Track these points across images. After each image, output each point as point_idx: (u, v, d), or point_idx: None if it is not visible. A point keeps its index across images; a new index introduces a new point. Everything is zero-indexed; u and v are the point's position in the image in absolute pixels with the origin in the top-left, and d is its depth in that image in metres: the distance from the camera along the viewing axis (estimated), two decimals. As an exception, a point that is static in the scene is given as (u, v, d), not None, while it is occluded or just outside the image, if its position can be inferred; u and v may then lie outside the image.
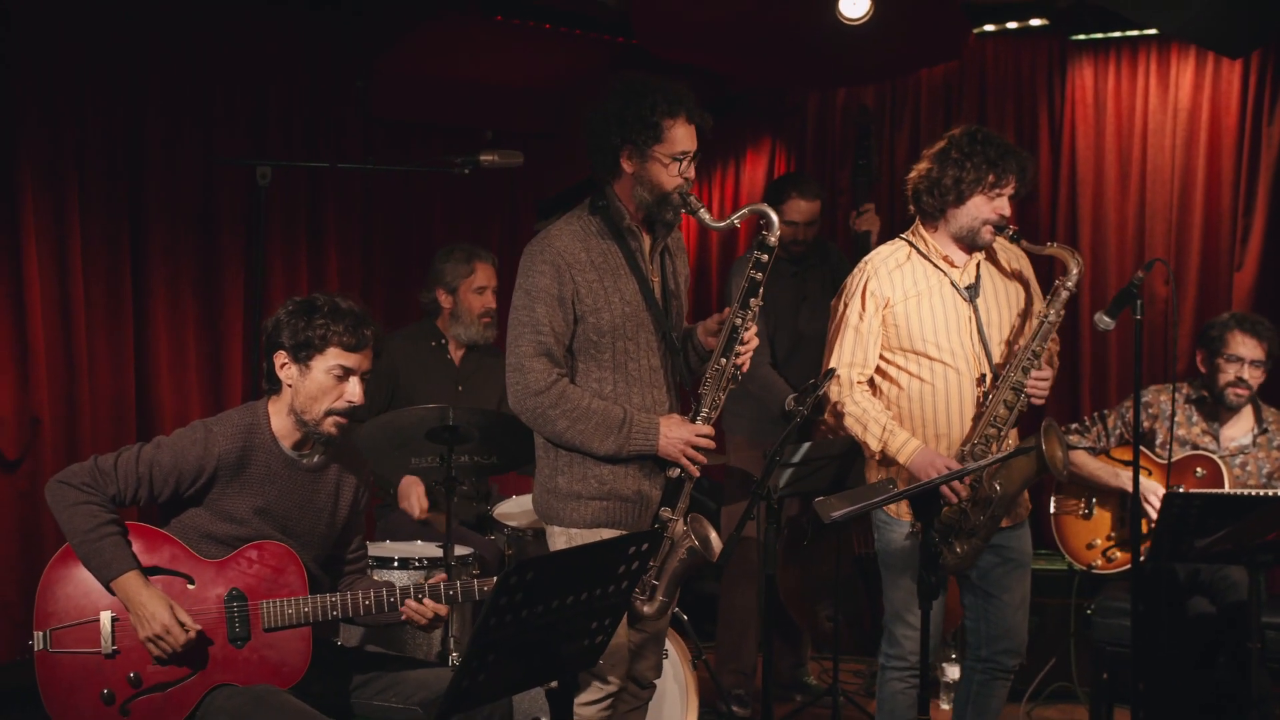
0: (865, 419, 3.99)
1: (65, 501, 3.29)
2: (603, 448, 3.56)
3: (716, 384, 3.60)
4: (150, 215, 5.43)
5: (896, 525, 4.04)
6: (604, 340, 3.60)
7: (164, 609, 3.25)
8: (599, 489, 3.61)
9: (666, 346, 3.69)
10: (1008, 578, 4.12)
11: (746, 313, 3.57)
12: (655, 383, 3.68)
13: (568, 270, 3.55)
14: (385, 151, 6.30)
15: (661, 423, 3.59)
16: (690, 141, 3.58)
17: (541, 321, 3.55)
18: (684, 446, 3.58)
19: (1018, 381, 3.93)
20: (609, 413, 3.56)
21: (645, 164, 3.57)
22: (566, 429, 3.55)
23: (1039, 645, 5.56)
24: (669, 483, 3.63)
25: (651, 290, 3.66)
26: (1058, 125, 6.41)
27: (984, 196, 3.96)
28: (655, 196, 3.59)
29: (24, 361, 4.98)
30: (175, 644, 3.25)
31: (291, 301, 3.48)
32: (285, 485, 3.46)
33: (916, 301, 4.02)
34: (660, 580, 3.66)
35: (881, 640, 4.19)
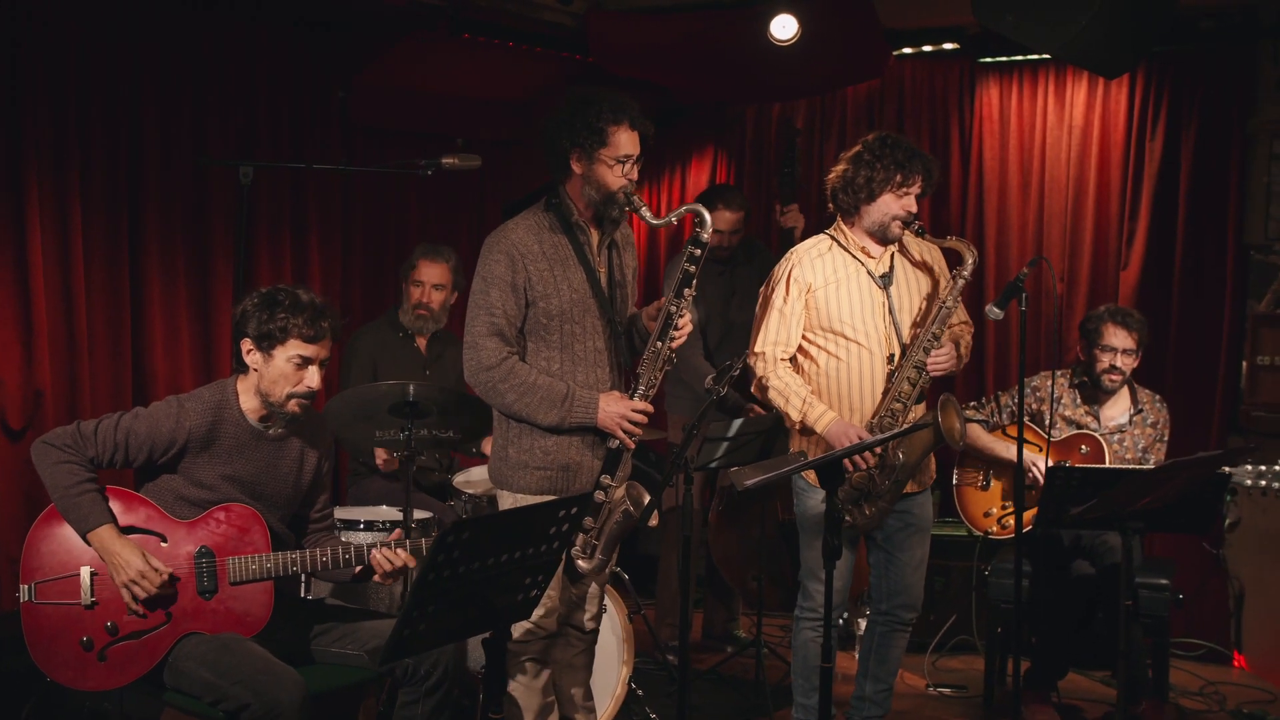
0: (787, 392, 4.01)
1: (48, 460, 3.27)
2: (546, 419, 3.59)
3: (653, 365, 3.61)
4: (147, 209, 5.37)
5: (812, 492, 4.06)
6: (553, 323, 3.62)
7: (137, 556, 3.24)
8: (544, 459, 3.64)
9: (610, 330, 3.70)
10: (908, 540, 4.14)
11: (680, 301, 3.58)
12: (599, 362, 3.69)
13: (521, 260, 3.58)
14: (364, 156, 6.25)
15: (601, 398, 3.61)
16: (633, 146, 3.59)
17: (495, 305, 3.58)
18: (620, 420, 3.60)
19: (919, 360, 3.96)
20: (553, 388, 3.59)
21: (592, 166, 3.59)
22: (514, 401, 3.58)
23: (943, 603, 5.61)
24: (609, 453, 3.65)
25: (598, 279, 3.68)
26: (967, 138, 6.42)
27: (893, 194, 3.99)
28: (601, 195, 3.61)
29: (29, 339, 4.92)
30: (149, 587, 3.23)
31: (257, 294, 3.47)
32: (252, 455, 3.44)
33: (836, 287, 4.03)
34: (599, 540, 3.67)
35: (798, 595, 4.21)
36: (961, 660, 5.56)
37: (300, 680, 3.19)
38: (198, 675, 3.22)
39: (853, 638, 5.55)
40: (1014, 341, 6.25)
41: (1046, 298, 6.17)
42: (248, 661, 3.21)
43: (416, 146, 6.39)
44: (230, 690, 3.16)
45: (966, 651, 5.56)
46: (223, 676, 3.18)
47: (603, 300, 3.67)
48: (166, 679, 3.29)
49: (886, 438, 3.72)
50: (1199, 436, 5.70)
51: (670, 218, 3.67)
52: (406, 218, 6.57)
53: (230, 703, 3.16)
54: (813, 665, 4.11)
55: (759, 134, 7.10)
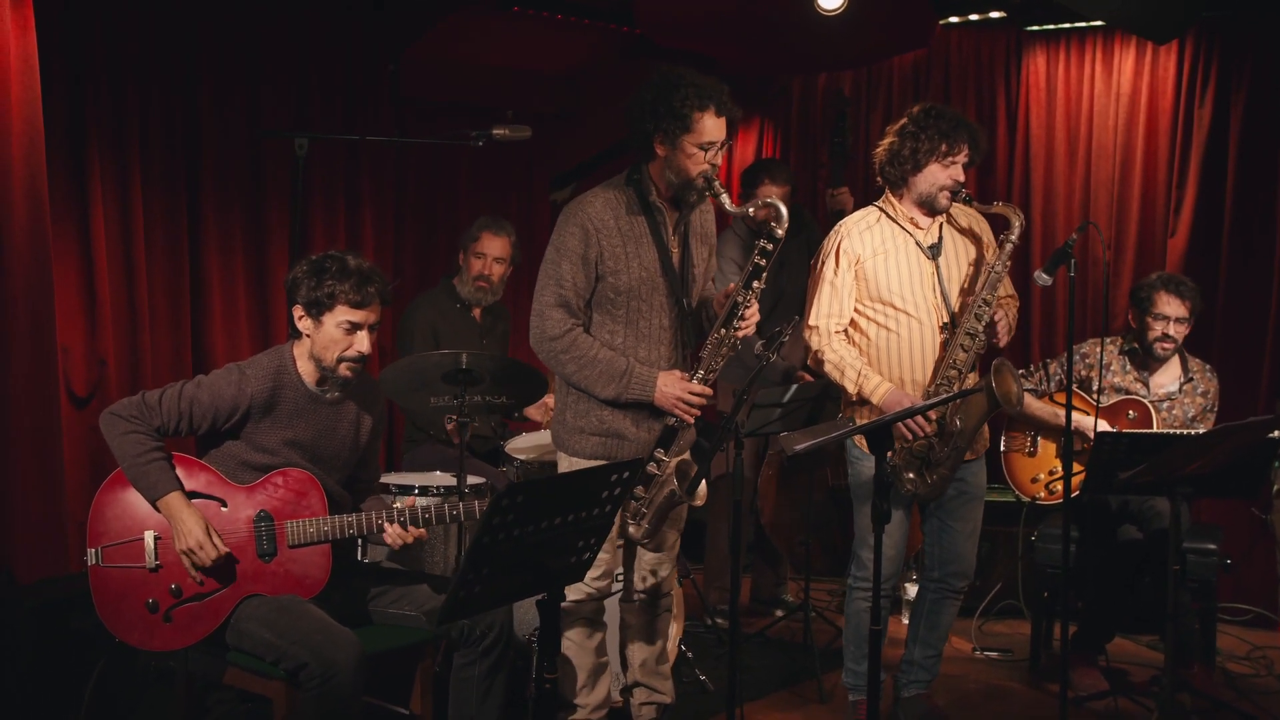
0: (842, 365, 3.98)
1: (116, 431, 3.29)
2: (604, 392, 3.60)
3: (716, 350, 3.61)
4: (204, 181, 5.39)
5: (866, 460, 4.03)
6: (620, 299, 3.62)
7: (199, 527, 3.26)
8: (599, 426, 3.66)
9: (678, 310, 3.68)
10: (962, 508, 4.11)
11: (748, 293, 3.57)
12: (663, 340, 3.68)
13: (595, 235, 3.58)
14: (414, 128, 6.24)
15: (660, 376, 3.61)
16: (718, 132, 3.54)
17: (565, 277, 3.59)
18: (675, 401, 3.60)
19: (972, 327, 3.91)
20: (613, 363, 3.59)
21: (674, 151, 3.55)
22: (575, 372, 3.60)
23: (990, 568, 5.55)
24: (665, 429, 3.65)
25: (670, 260, 3.67)
26: (1013, 107, 6.32)
27: (939, 165, 3.94)
28: (680, 180, 3.59)
29: (92, 309, 4.95)
30: (206, 558, 3.26)
31: (306, 261, 3.48)
32: (311, 418, 3.45)
33: (885, 258, 3.99)
34: (648, 510, 3.67)
35: (850, 564, 4.18)
36: (1007, 625, 5.51)
37: (357, 641, 3.20)
38: (259, 635, 3.25)
39: (899, 602, 5.52)
40: (1060, 309, 6.17)
41: (1093, 265, 6.08)
42: (306, 622, 3.22)
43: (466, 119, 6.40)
44: (289, 650, 3.18)
45: (1012, 616, 5.51)
46: (282, 637, 3.20)
47: (672, 280, 3.66)
48: (229, 639, 3.32)
49: (937, 402, 3.68)
50: (1247, 403, 5.60)
51: (747, 208, 3.64)
52: (456, 189, 6.55)
53: (290, 662, 3.18)
54: (865, 633, 4.07)
55: (805, 105, 7.03)
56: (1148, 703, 4.44)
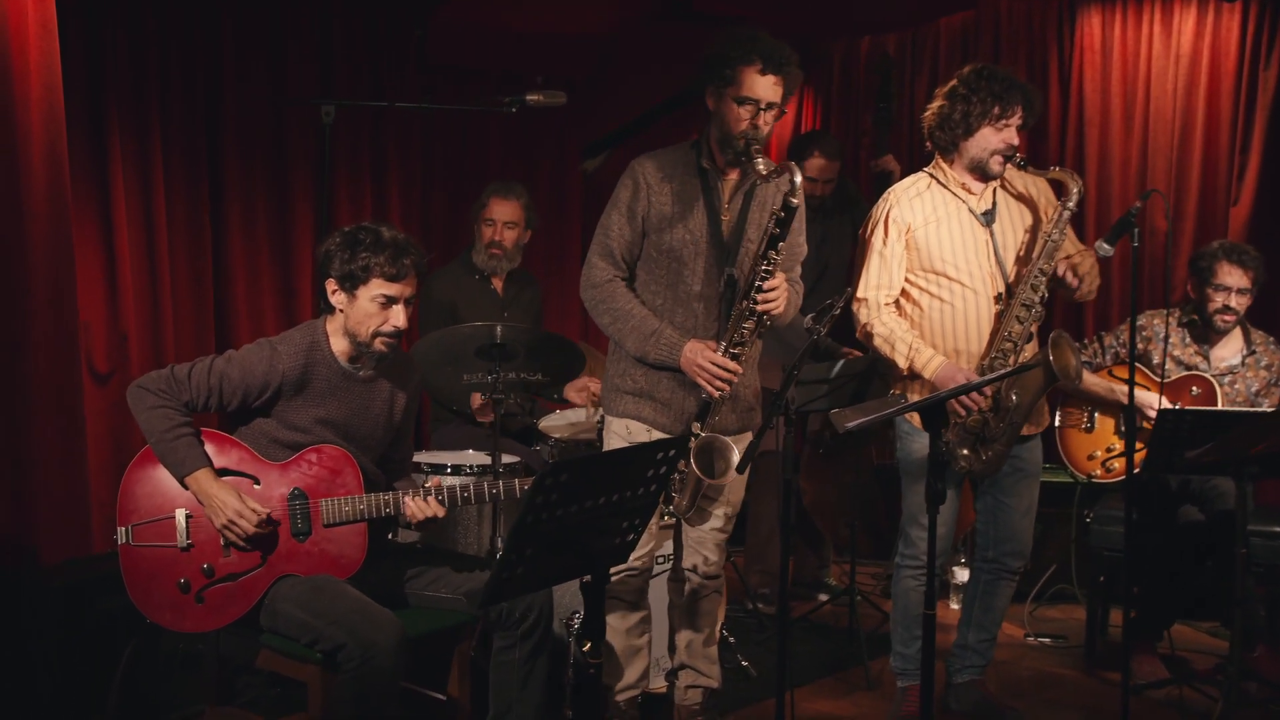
0: (893, 338, 3.95)
1: (144, 405, 3.29)
2: (633, 349, 3.69)
3: (737, 323, 3.60)
4: (226, 150, 5.40)
5: (916, 436, 4.00)
6: (663, 259, 3.67)
7: (233, 497, 3.27)
8: (633, 386, 3.73)
9: (721, 280, 3.66)
10: (1018, 486, 4.08)
11: (765, 262, 3.55)
12: (703, 309, 3.69)
13: (646, 189, 3.64)
14: (441, 95, 6.23)
15: (687, 344, 3.61)
16: (761, 91, 3.53)
17: (612, 228, 3.69)
18: (697, 369, 3.59)
19: (1028, 298, 3.87)
20: (645, 322, 3.65)
21: (719, 104, 3.60)
22: (609, 324, 3.70)
23: (1042, 551, 5.52)
24: (701, 402, 3.65)
25: (720, 227, 3.66)
26: (1067, 70, 6.25)
27: (991, 128, 3.90)
28: (722, 136, 3.61)
29: (113, 283, 4.97)
30: (247, 527, 3.26)
31: (339, 233, 3.46)
32: (344, 396, 3.45)
33: (936, 226, 3.95)
34: (686, 484, 3.68)
35: (898, 542, 4.16)
36: (1060, 609, 5.49)
37: (397, 622, 3.20)
38: (294, 616, 3.25)
39: (948, 586, 5.49)
40: (1115, 280, 6.10)
41: (1150, 235, 6.01)
42: (344, 603, 3.22)
43: (494, 85, 6.39)
44: (326, 631, 3.18)
45: (1065, 601, 5.48)
46: (319, 617, 3.20)
47: (719, 248, 3.65)
48: (263, 620, 3.32)
49: (993, 378, 3.64)
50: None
51: (772, 175, 3.59)
52: (486, 158, 6.54)
53: (326, 643, 3.18)
54: (913, 614, 4.07)
55: (847, 69, 6.98)
56: (1211, 691, 4.40)
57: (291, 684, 3.89)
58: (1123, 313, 5.97)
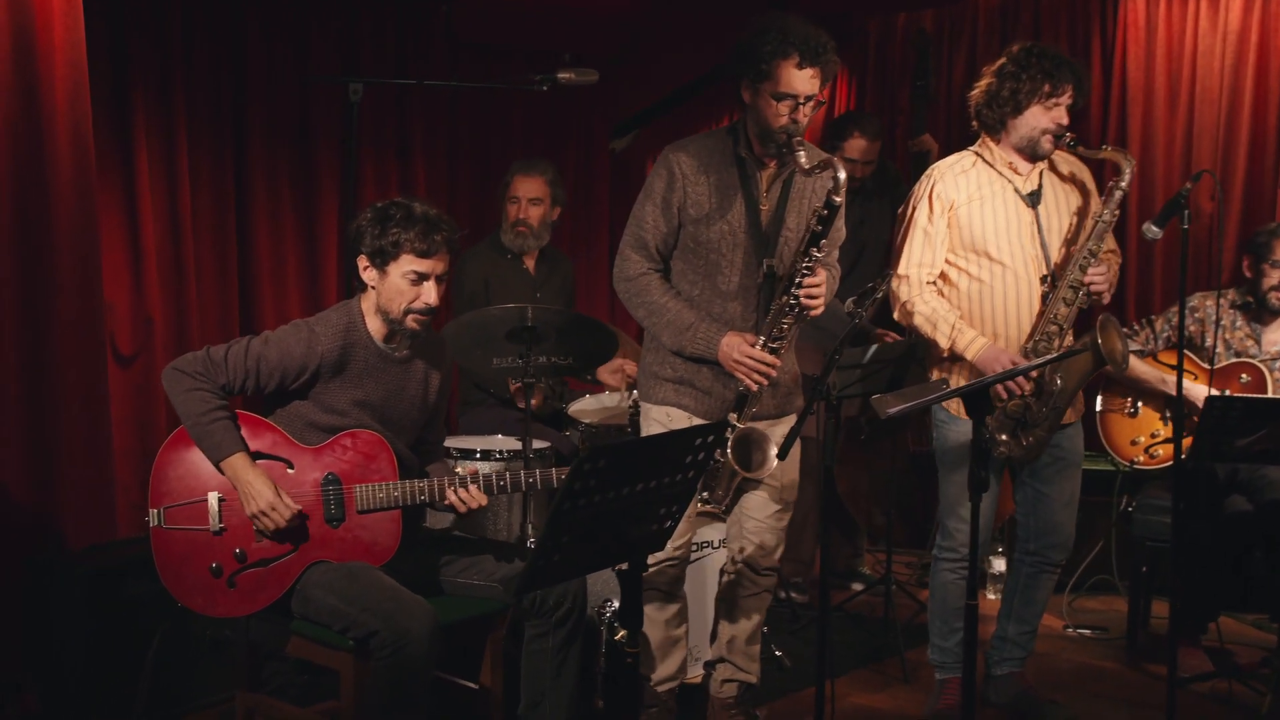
0: (935, 318, 3.95)
1: (180, 387, 3.31)
2: (669, 343, 3.69)
3: (776, 317, 3.60)
4: (251, 130, 5.42)
5: (955, 423, 4.00)
6: (700, 250, 3.66)
7: (268, 488, 3.29)
8: (673, 374, 3.74)
9: (763, 272, 3.66)
10: (1059, 476, 4.07)
11: (806, 259, 3.54)
12: (742, 301, 3.69)
13: (682, 180, 3.62)
14: (468, 73, 6.24)
15: (725, 336, 3.61)
16: (800, 84, 3.50)
17: (646, 219, 3.67)
18: (734, 363, 3.60)
19: (1075, 280, 3.87)
20: (680, 315, 3.64)
21: (756, 99, 3.57)
22: (645, 317, 3.70)
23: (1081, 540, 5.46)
24: (739, 393, 3.66)
25: (758, 217, 3.65)
26: (1109, 48, 6.20)
27: (1041, 107, 3.88)
28: (760, 130, 3.60)
29: (137, 266, 5.01)
30: (279, 520, 3.28)
31: (370, 209, 3.48)
32: (381, 378, 3.47)
33: (980, 204, 3.95)
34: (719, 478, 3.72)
35: (935, 533, 4.16)
36: (1100, 600, 5.48)
37: (430, 609, 3.23)
38: (325, 602, 3.27)
39: (985, 576, 5.50)
40: (1159, 263, 6.07)
41: (1196, 218, 5.96)
42: (377, 589, 3.25)
43: (521, 63, 6.40)
44: (359, 617, 3.20)
45: (1105, 591, 5.47)
46: (351, 604, 3.22)
47: (758, 239, 3.64)
48: (294, 607, 3.35)
49: (1042, 363, 3.64)
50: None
51: (814, 170, 3.57)
52: (513, 137, 6.56)
53: (359, 630, 3.20)
54: (952, 606, 4.08)
55: (883, 47, 6.94)
56: (1258, 686, 4.39)
57: (319, 671, 3.93)
58: (1166, 297, 5.95)
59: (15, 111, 4.15)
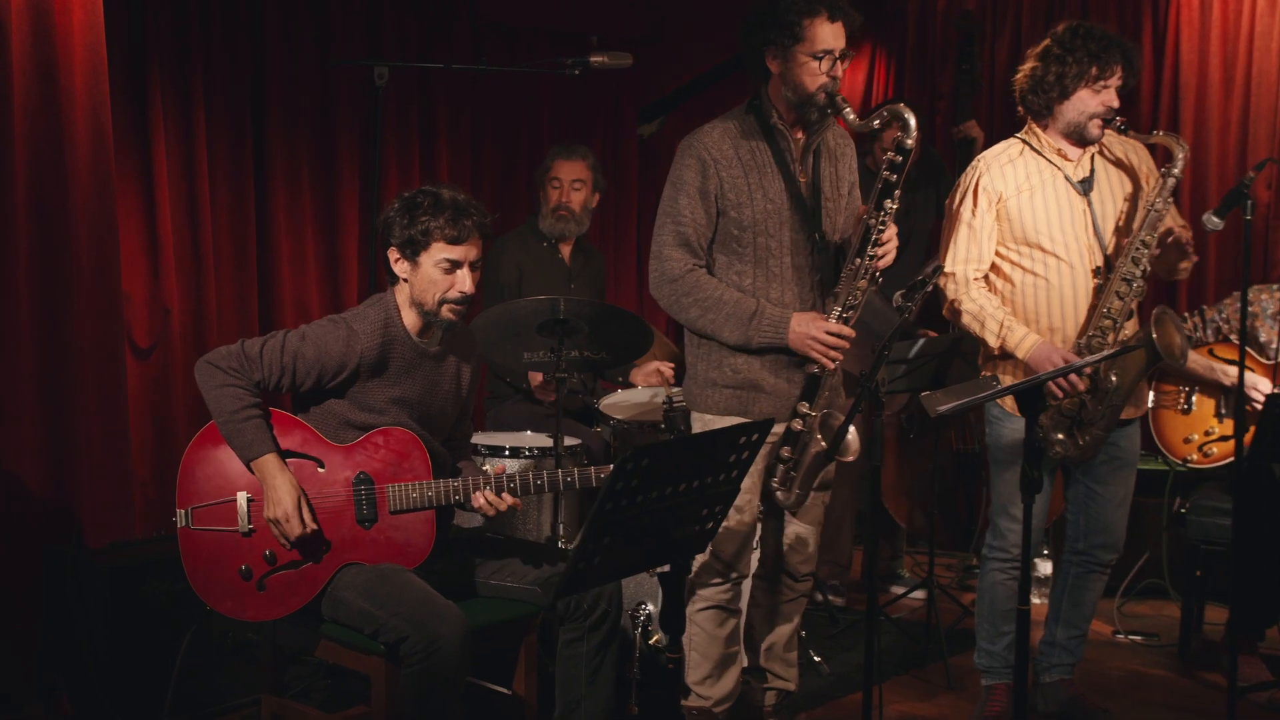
0: (983, 315, 3.94)
1: (213, 382, 3.32)
2: (732, 337, 3.61)
3: (851, 283, 3.58)
4: (270, 116, 5.43)
5: (1008, 420, 4.00)
6: (745, 235, 3.62)
7: (291, 499, 3.30)
8: (733, 378, 3.67)
9: (811, 246, 3.65)
10: (1113, 475, 4.08)
11: (880, 213, 3.54)
12: (795, 280, 3.67)
13: (713, 165, 3.59)
14: (492, 56, 6.25)
15: (793, 317, 3.59)
16: (833, 39, 3.52)
17: (683, 212, 3.62)
18: (811, 342, 3.57)
19: (1129, 272, 3.85)
20: (740, 304, 3.60)
21: (788, 64, 3.55)
22: (698, 317, 3.62)
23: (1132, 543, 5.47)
24: (808, 378, 3.64)
25: (799, 189, 3.65)
26: (1161, 30, 6.19)
27: (1089, 90, 3.87)
28: (799, 96, 3.58)
29: (154, 255, 5.03)
30: (291, 532, 3.30)
31: (398, 199, 3.49)
32: (417, 374, 3.49)
33: (1030, 195, 3.94)
34: (797, 472, 3.67)
35: (986, 533, 4.16)
36: (1150, 605, 5.48)
37: (461, 615, 3.23)
38: (356, 605, 3.29)
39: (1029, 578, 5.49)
40: (1211, 253, 6.06)
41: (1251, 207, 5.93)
42: (408, 593, 3.26)
43: (546, 45, 6.41)
44: (389, 622, 3.22)
45: (1156, 596, 5.46)
46: (381, 607, 3.24)
47: (804, 212, 3.63)
48: (324, 610, 3.37)
49: (1096, 359, 3.64)
50: None
51: (871, 121, 3.60)
52: (539, 123, 6.57)
53: (389, 634, 3.22)
54: (1000, 609, 4.08)
55: (922, 29, 6.95)
56: (1318, 695, 4.40)
57: (345, 675, 3.97)
58: (1220, 288, 5.93)
59: (33, 94, 4.19)
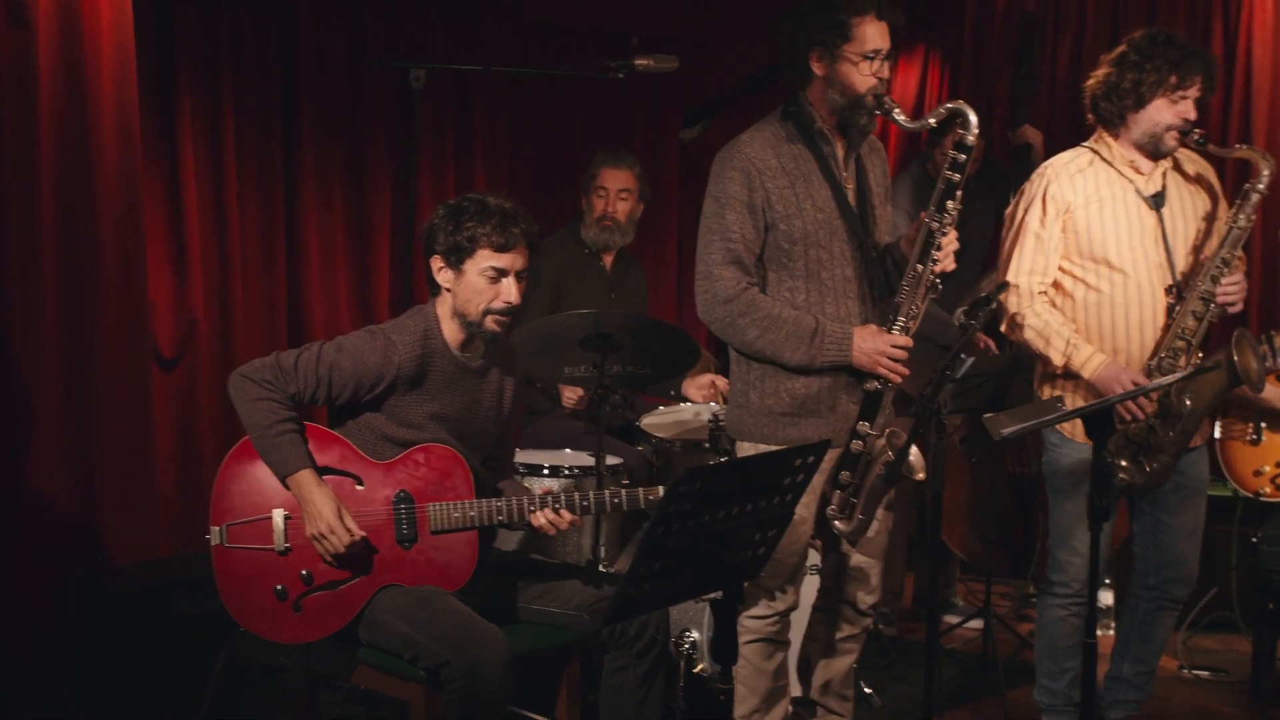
0: (1047, 332, 3.93)
1: (247, 396, 3.36)
2: (794, 358, 3.57)
3: (913, 292, 3.57)
4: (301, 119, 5.49)
5: (1069, 445, 3.99)
6: (795, 249, 3.60)
7: (331, 510, 3.33)
8: (791, 404, 3.63)
9: (862, 255, 3.66)
10: (1182, 504, 4.05)
11: (943, 215, 3.54)
12: (849, 293, 3.65)
13: (758, 176, 3.57)
14: (531, 55, 6.30)
15: (855, 333, 3.58)
16: (881, 39, 3.53)
17: (731, 228, 3.57)
18: (878, 357, 3.56)
19: (1206, 291, 3.83)
20: (800, 322, 3.56)
21: (835, 65, 3.54)
22: (756, 338, 3.57)
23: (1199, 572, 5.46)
24: (867, 396, 3.62)
25: (845, 197, 3.64)
26: (1233, 33, 6.17)
27: (1166, 100, 3.86)
28: (847, 99, 3.56)
29: (181, 262, 5.09)
30: (338, 545, 3.33)
31: (444, 205, 3.53)
32: (457, 389, 3.52)
33: (1099, 208, 3.93)
34: (858, 498, 3.65)
35: (1036, 561, 4.15)
36: (1219, 639, 5.46)
37: (505, 639, 3.27)
38: (394, 629, 3.32)
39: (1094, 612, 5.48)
40: (1282, 272, 6.05)
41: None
42: (448, 617, 3.29)
43: (586, 45, 6.45)
44: (430, 646, 3.25)
45: (1225, 630, 5.45)
46: (421, 631, 3.27)
47: (852, 220, 3.63)
48: (362, 634, 3.40)
49: (1169, 381, 3.63)
50: None
51: (928, 119, 3.59)
52: (577, 127, 6.61)
53: (429, 660, 3.25)
54: (1061, 645, 4.08)
55: (980, 29, 6.94)
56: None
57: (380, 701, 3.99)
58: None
59: (60, 97, 4.25)
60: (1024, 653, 5.07)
